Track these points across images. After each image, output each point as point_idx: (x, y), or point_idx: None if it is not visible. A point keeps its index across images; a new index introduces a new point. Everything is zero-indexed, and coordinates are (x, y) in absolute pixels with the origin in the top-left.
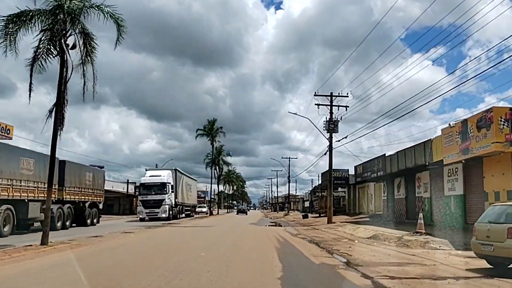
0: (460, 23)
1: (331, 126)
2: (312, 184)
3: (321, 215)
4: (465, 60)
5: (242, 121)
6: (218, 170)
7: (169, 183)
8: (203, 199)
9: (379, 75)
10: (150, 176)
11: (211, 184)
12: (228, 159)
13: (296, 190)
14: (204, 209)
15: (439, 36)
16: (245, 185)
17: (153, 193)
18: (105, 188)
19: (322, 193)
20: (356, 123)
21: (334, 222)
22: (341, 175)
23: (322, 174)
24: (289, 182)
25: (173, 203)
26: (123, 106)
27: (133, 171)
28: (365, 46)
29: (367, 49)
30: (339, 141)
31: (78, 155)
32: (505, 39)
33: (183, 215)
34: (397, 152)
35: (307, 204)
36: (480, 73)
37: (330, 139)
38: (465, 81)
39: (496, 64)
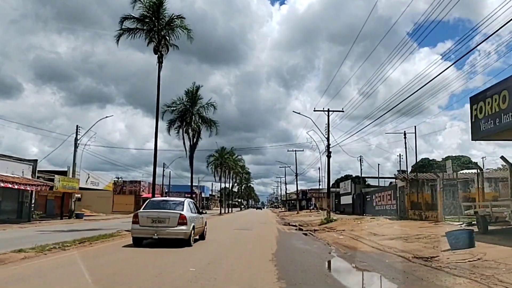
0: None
1: None
2: (361, 164)
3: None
4: None
5: (248, 119)
6: (192, 135)
7: None
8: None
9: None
10: None
11: (156, 160)
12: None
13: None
14: None
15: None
16: (251, 178)
17: None
18: None
19: (413, 177)
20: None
21: None
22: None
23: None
24: (328, 158)
25: None
26: (129, 105)
27: (141, 170)
28: (371, 41)
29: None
30: None
31: (86, 153)
32: None
33: None
34: None
35: (345, 199)
36: None
37: None
38: None
39: None
